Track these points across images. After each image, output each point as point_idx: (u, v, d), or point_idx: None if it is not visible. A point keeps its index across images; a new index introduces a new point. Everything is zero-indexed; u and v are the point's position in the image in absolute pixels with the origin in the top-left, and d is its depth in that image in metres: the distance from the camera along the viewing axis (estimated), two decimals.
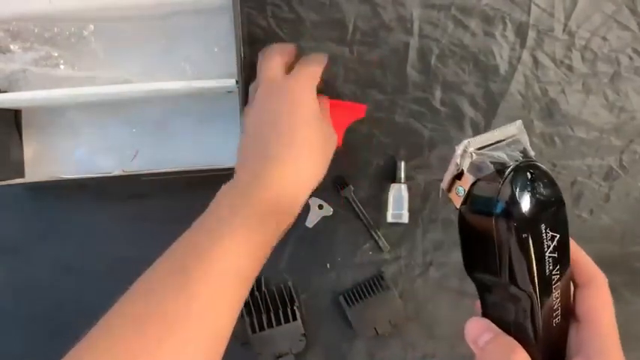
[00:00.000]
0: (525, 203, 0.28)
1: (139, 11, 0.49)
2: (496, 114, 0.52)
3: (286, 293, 0.52)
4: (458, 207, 0.33)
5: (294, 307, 0.52)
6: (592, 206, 0.54)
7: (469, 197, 0.31)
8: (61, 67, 0.51)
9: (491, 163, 0.30)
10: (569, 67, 0.52)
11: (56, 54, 0.50)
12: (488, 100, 0.52)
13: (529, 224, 0.29)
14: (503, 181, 0.29)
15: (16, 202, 0.53)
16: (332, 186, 0.52)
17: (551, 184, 0.30)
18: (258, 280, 0.53)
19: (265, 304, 0.52)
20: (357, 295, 0.52)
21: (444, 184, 0.34)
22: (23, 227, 0.54)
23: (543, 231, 0.29)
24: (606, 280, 0.32)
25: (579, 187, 0.53)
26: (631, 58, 0.52)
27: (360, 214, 0.53)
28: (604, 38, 0.52)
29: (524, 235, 0.28)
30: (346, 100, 0.51)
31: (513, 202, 0.28)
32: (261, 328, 0.51)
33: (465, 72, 0.52)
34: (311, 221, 0.53)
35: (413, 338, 0.53)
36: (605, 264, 0.53)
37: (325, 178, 0.43)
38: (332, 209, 0.53)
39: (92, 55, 0.51)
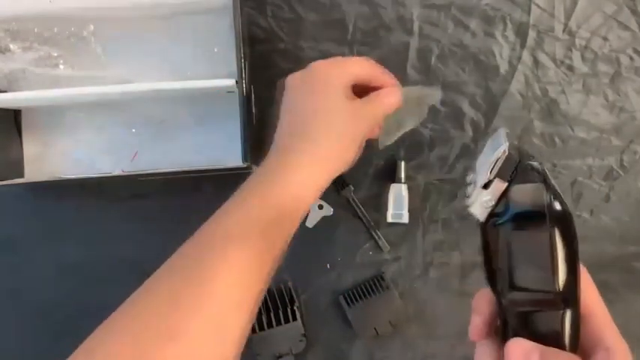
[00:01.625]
0: (564, 207, 0.27)
1: (139, 11, 0.49)
2: (496, 114, 0.52)
3: (286, 293, 0.52)
4: (482, 220, 0.29)
5: (294, 307, 0.52)
6: (592, 206, 0.54)
7: (506, 209, 0.28)
8: (61, 67, 0.51)
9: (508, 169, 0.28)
10: (570, 67, 0.52)
11: (56, 54, 0.50)
12: (488, 100, 0.52)
13: (572, 227, 0.27)
14: (547, 186, 0.27)
15: (16, 202, 0.53)
16: (332, 186, 0.52)
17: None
18: None
19: (265, 304, 0.51)
20: (357, 295, 0.52)
21: (471, 199, 0.30)
22: (23, 227, 0.54)
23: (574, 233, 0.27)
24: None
25: (579, 187, 0.53)
26: (631, 58, 0.52)
27: (360, 214, 0.52)
28: (604, 38, 0.52)
29: (574, 240, 0.27)
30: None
31: (562, 208, 0.27)
32: (261, 329, 0.51)
33: (465, 72, 0.52)
34: (311, 221, 0.53)
35: (413, 338, 0.53)
36: (605, 264, 0.54)
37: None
38: (332, 209, 0.53)
39: (92, 55, 0.51)
